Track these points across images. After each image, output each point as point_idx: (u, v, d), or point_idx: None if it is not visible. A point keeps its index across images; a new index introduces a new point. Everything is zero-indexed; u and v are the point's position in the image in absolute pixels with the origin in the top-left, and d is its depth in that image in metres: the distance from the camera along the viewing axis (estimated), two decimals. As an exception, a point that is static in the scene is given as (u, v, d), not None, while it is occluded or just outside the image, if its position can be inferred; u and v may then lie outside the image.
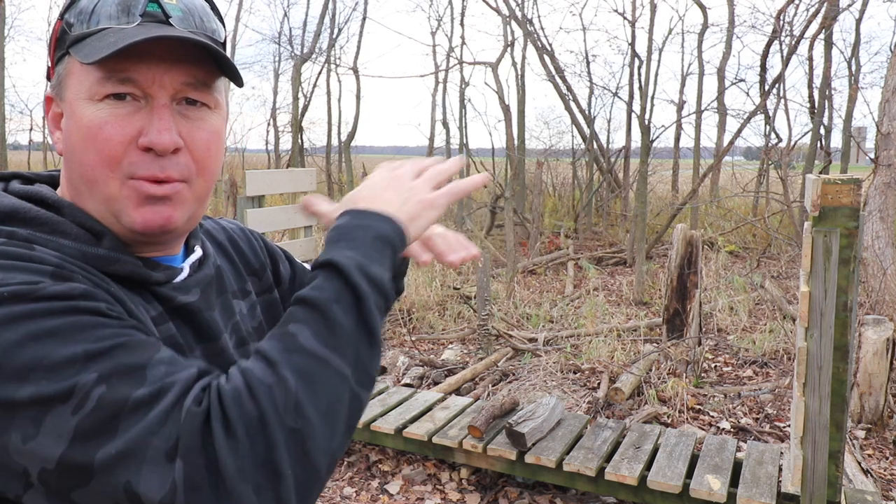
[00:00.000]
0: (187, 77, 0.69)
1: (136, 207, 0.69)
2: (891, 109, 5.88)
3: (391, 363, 5.27)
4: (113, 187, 0.69)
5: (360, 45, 19.15)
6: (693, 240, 5.07)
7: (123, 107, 0.67)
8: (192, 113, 0.71)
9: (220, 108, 0.75)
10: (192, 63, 0.69)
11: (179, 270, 0.77)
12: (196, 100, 0.71)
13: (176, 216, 0.71)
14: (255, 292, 0.92)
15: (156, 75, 0.67)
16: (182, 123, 0.70)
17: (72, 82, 0.69)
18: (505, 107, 12.34)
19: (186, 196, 0.72)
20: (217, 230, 0.93)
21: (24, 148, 22.33)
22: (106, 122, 0.67)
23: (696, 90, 13.80)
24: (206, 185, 0.74)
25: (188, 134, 0.70)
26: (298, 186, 4.11)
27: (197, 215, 0.76)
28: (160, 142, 0.67)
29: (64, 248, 0.66)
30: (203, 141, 0.72)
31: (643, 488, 3.00)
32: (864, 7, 11.58)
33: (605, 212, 12.72)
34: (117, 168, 0.68)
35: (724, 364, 5.36)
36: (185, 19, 0.71)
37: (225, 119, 0.77)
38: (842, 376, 2.65)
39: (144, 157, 0.68)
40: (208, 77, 0.71)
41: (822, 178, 2.60)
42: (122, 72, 0.67)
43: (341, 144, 15.21)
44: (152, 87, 0.68)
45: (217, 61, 0.71)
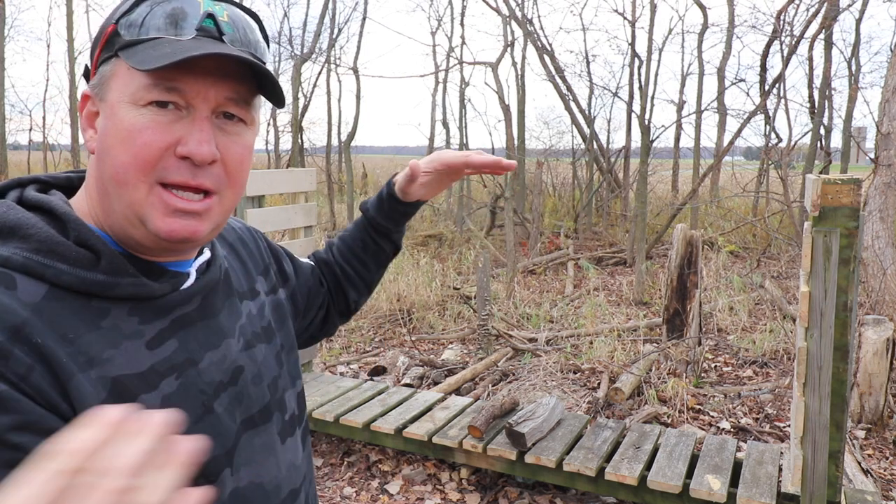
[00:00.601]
0: (231, 93, 0.71)
1: (163, 217, 0.70)
2: (891, 109, 5.88)
3: (391, 363, 5.27)
4: (141, 191, 0.69)
5: (360, 45, 19.14)
6: (693, 240, 5.07)
7: (165, 115, 0.69)
8: (229, 127, 0.72)
9: (255, 124, 0.77)
10: (237, 79, 0.71)
11: (186, 277, 0.77)
12: (234, 115, 0.73)
13: (202, 229, 0.72)
14: (263, 292, 0.93)
15: (202, 88, 0.69)
16: (219, 136, 0.71)
17: (116, 84, 0.70)
18: (505, 107, 12.34)
19: (216, 209, 0.73)
20: (228, 230, 0.94)
21: (24, 148, 22.31)
22: (147, 127, 0.68)
23: (696, 90, 13.80)
24: (235, 198, 0.76)
25: (224, 147, 0.72)
26: (298, 186, 4.10)
27: (220, 226, 0.77)
28: (199, 152, 0.69)
29: (62, 275, 0.66)
30: (237, 155, 0.73)
31: (643, 488, 3.00)
32: (864, 7, 11.58)
33: (605, 212, 12.72)
34: (150, 173, 0.69)
35: (724, 364, 5.36)
36: (234, 36, 0.73)
37: (256, 134, 0.78)
38: (842, 376, 2.65)
39: (180, 165, 0.69)
40: (249, 94, 0.73)
41: (822, 178, 2.60)
42: (170, 81, 0.68)
43: (341, 144, 15.19)
44: (196, 98, 0.69)
45: (259, 79, 0.72)
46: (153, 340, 0.72)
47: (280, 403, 0.87)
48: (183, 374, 0.73)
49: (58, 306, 0.66)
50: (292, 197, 4.16)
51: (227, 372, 0.78)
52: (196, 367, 0.75)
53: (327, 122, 15.92)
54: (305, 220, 4.17)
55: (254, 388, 0.82)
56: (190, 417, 0.72)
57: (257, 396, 0.82)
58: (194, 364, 0.75)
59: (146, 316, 0.72)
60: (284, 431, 0.87)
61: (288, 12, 24.34)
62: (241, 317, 0.85)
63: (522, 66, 12.74)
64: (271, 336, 0.90)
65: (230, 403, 0.78)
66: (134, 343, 0.70)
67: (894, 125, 5.81)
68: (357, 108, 14.15)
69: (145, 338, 0.71)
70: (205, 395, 0.75)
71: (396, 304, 6.84)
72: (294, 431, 0.90)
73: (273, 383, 0.86)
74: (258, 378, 0.83)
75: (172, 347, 0.73)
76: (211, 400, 0.75)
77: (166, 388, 0.71)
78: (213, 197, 0.72)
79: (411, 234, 10.80)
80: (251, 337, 0.85)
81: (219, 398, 0.76)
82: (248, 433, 0.80)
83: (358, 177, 17.92)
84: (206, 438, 0.72)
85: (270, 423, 0.84)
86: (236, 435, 0.78)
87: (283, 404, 0.88)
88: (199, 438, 0.43)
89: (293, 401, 0.91)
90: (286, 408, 0.88)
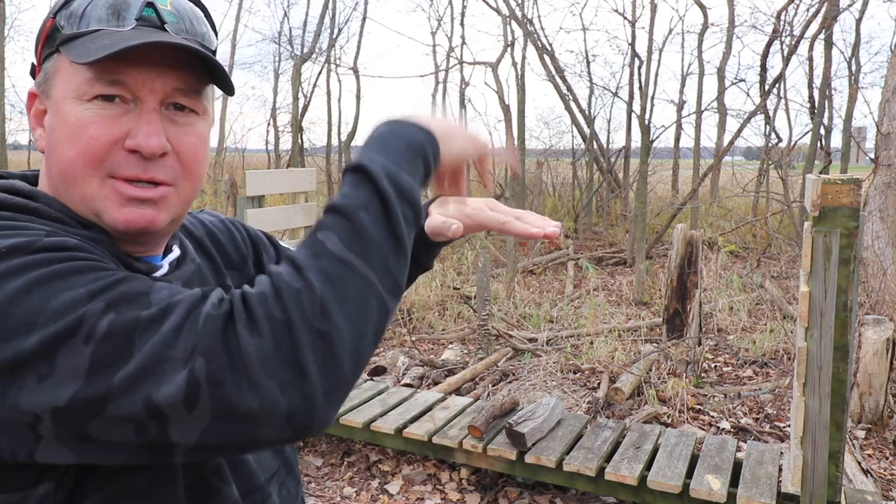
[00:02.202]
0: (178, 83, 0.70)
1: (118, 207, 0.69)
2: (891, 109, 5.88)
3: (391, 363, 5.27)
4: (92, 186, 0.69)
5: (360, 45, 19.14)
6: (693, 240, 5.07)
7: (112, 108, 0.68)
8: (180, 118, 0.71)
9: (208, 114, 0.75)
10: (184, 69, 0.70)
11: (159, 267, 0.77)
12: (185, 105, 0.71)
13: (160, 219, 0.71)
14: (234, 287, 0.91)
15: (147, 79, 0.68)
16: (170, 128, 0.70)
17: (59, 81, 0.69)
18: (505, 107, 12.34)
19: (172, 200, 0.72)
20: (195, 225, 0.93)
21: (24, 148, 22.32)
22: (93, 122, 0.67)
23: (696, 90, 13.80)
24: (192, 189, 0.75)
25: (176, 139, 0.71)
26: (298, 186, 4.11)
27: (180, 218, 0.77)
28: (148, 145, 0.68)
29: (52, 230, 0.66)
30: (191, 146, 0.72)
31: (643, 488, 3.00)
32: (864, 7, 11.58)
33: (605, 212, 12.72)
34: (99, 167, 0.68)
35: (724, 364, 5.36)
36: (178, 25, 0.71)
37: (211, 125, 0.77)
38: (842, 376, 2.65)
39: (129, 158, 0.68)
40: (198, 84, 0.72)
41: (822, 178, 2.60)
42: (112, 73, 0.67)
43: (341, 144, 15.19)
44: (142, 90, 0.68)
45: (208, 69, 0.71)
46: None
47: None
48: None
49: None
50: (292, 197, 4.16)
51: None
52: None
53: (327, 122, 15.93)
54: (305, 220, 4.17)
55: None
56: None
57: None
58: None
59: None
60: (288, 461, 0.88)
61: (288, 12, 24.31)
62: None
63: (522, 66, 12.74)
64: None
65: None
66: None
67: (894, 125, 5.81)
68: (357, 108, 14.17)
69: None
70: None
71: (402, 304, 6.83)
72: (291, 461, 0.90)
73: None
74: None
75: None
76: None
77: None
78: (170, 187, 0.71)
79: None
80: None
81: None
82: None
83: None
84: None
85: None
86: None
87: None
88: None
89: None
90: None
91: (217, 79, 0.73)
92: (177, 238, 0.84)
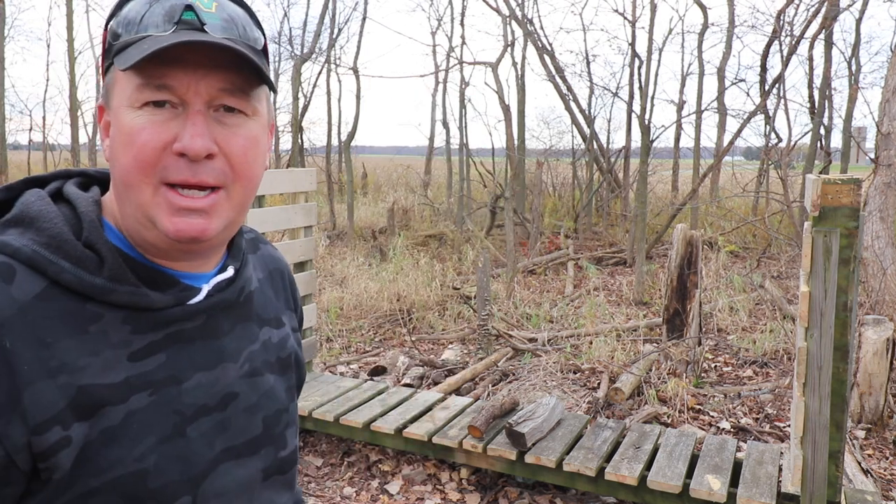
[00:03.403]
0: (223, 83, 0.70)
1: (169, 216, 0.69)
2: (891, 109, 5.88)
3: (391, 363, 5.27)
4: (147, 193, 0.69)
5: (360, 45, 19.13)
6: (693, 240, 5.07)
7: (161, 114, 0.68)
8: (228, 119, 0.71)
9: (259, 115, 0.75)
10: (229, 70, 0.70)
11: (196, 292, 0.76)
12: (233, 107, 0.71)
13: (211, 227, 0.71)
14: (290, 326, 0.92)
15: (191, 82, 0.68)
16: (218, 130, 0.70)
17: (116, 90, 0.71)
18: (505, 107, 12.35)
19: (223, 205, 0.72)
20: (270, 258, 0.94)
21: (24, 148, 22.32)
22: (143, 128, 0.68)
23: (696, 90, 13.80)
24: (245, 192, 0.74)
25: (224, 140, 0.70)
26: (298, 186, 4.10)
27: (235, 223, 0.75)
28: (192, 146, 0.68)
29: (62, 273, 0.68)
30: (239, 147, 0.72)
31: (643, 488, 3.00)
32: (864, 7, 11.58)
33: (605, 212, 12.72)
34: (152, 173, 0.68)
35: (724, 364, 5.36)
36: (222, 27, 0.71)
37: (265, 127, 0.77)
38: (842, 376, 2.65)
39: (178, 163, 0.68)
40: (246, 84, 0.72)
41: (822, 178, 2.60)
42: (158, 78, 0.68)
43: (341, 144, 15.18)
44: (188, 93, 0.68)
45: (254, 69, 0.71)
46: (139, 352, 0.71)
47: (277, 438, 0.84)
48: (159, 391, 0.71)
49: (48, 307, 0.67)
50: (292, 197, 4.16)
51: (215, 396, 0.76)
52: (178, 387, 0.73)
53: (327, 122, 15.92)
54: (305, 220, 4.17)
55: (245, 417, 0.79)
56: (154, 437, 0.70)
57: (247, 427, 0.79)
58: (177, 383, 0.73)
59: (140, 326, 0.71)
60: (272, 469, 0.84)
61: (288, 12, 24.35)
62: (256, 342, 0.83)
63: (522, 66, 12.74)
64: (287, 369, 0.88)
65: (211, 429, 0.75)
66: (116, 352, 0.69)
67: (894, 125, 5.81)
68: (357, 108, 14.15)
69: (131, 348, 0.71)
70: (179, 417, 0.72)
71: (396, 304, 6.84)
72: (286, 470, 0.86)
73: (274, 416, 0.83)
74: (254, 408, 0.81)
75: (157, 362, 0.72)
76: (185, 423, 0.73)
77: (135, 404, 0.69)
78: (220, 192, 0.71)
79: (411, 233, 10.79)
80: (261, 364, 0.83)
81: (197, 422, 0.74)
82: (228, 463, 0.77)
83: (358, 177, 17.91)
84: (167, 461, 0.71)
85: (256, 458, 0.81)
86: (211, 463, 0.75)
87: (282, 440, 0.85)
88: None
89: (294, 438, 0.88)
90: (285, 444, 0.85)
91: (262, 77, 0.72)
92: (238, 259, 0.83)
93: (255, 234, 0.97)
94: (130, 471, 0.68)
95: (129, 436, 0.69)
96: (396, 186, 18.08)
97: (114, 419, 0.68)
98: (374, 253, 9.42)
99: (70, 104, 15.72)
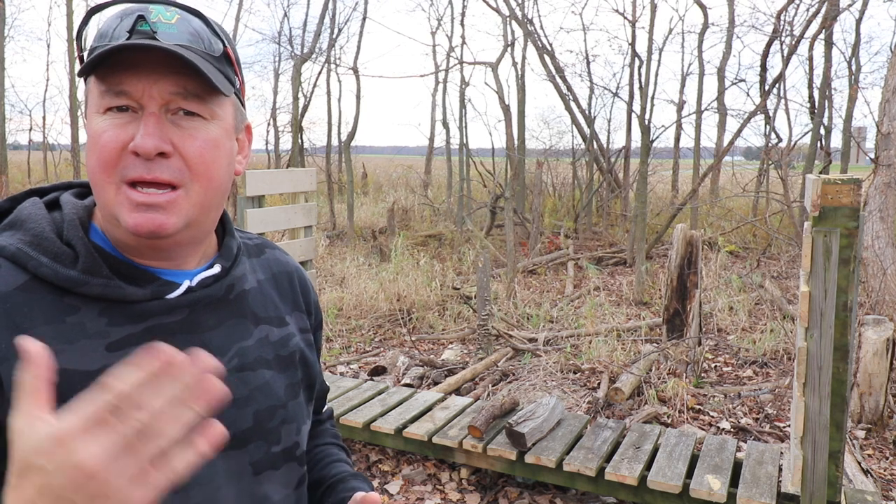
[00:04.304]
0: (175, 88, 0.73)
1: (129, 213, 0.73)
2: (891, 109, 5.88)
3: (391, 363, 5.27)
4: (111, 192, 0.73)
5: (360, 45, 19.12)
6: (693, 240, 5.07)
7: (122, 117, 0.73)
8: (185, 122, 0.74)
9: (219, 118, 0.77)
10: (181, 75, 0.73)
11: (175, 287, 0.78)
12: (191, 111, 0.75)
13: (169, 223, 0.74)
14: (295, 326, 0.93)
15: (145, 87, 0.72)
16: (174, 132, 0.73)
17: (89, 99, 0.76)
18: (505, 107, 12.35)
19: (182, 203, 0.74)
20: (277, 263, 0.96)
21: (23, 148, 22.33)
22: (105, 131, 0.72)
23: (696, 90, 13.80)
24: (206, 193, 0.76)
25: (180, 141, 0.74)
26: (298, 186, 4.10)
27: (198, 223, 0.78)
28: (143, 145, 0.71)
29: (41, 267, 0.72)
30: (196, 148, 0.74)
31: (643, 488, 3.00)
32: (864, 7, 11.59)
33: (605, 212, 12.73)
34: (113, 172, 0.73)
35: (724, 364, 5.36)
36: (176, 35, 0.74)
37: (228, 131, 0.79)
38: (842, 376, 2.65)
39: (135, 161, 0.72)
40: (200, 89, 0.74)
41: (822, 178, 2.60)
42: (117, 85, 0.72)
43: (341, 144, 15.19)
44: (143, 97, 0.72)
45: (202, 74, 0.73)
46: (116, 343, 0.73)
47: (269, 433, 0.84)
48: None
49: (27, 297, 0.71)
50: (292, 197, 4.16)
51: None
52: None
53: (327, 122, 15.93)
54: (305, 220, 4.17)
55: (232, 410, 0.80)
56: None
57: (234, 420, 0.79)
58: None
59: (117, 319, 0.74)
60: (264, 463, 0.83)
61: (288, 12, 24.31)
62: (249, 339, 0.84)
63: (522, 66, 12.75)
64: (289, 367, 0.88)
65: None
66: (93, 342, 0.72)
67: (894, 125, 5.81)
68: (357, 108, 14.16)
69: (108, 339, 0.73)
70: None
71: (396, 304, 6.84)
72: (280, 465, 0.85)
73: (267, 411, 0.83)
74: (243, 402, 0.81)
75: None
76: None
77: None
78: (178, 191, 0.74)
79: (411, 233, 10.80)
80: (254, 360, 0.84)
81: None
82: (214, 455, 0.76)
83: (358, 177, 17.93)
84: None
85: (243, 451, 0.81)
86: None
87: (275, 435, 0.85)
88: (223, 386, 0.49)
89: (296, 435, 0.88)
90: (279, 439, 0.85)
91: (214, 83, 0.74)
92: (229, 259, 0.85)
93: (262, 240, 0.99)
94: None
95: None
96: (396, 186, 18.08)
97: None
98: (374, 253, 9.42)
99: (70, 104, 15.71)
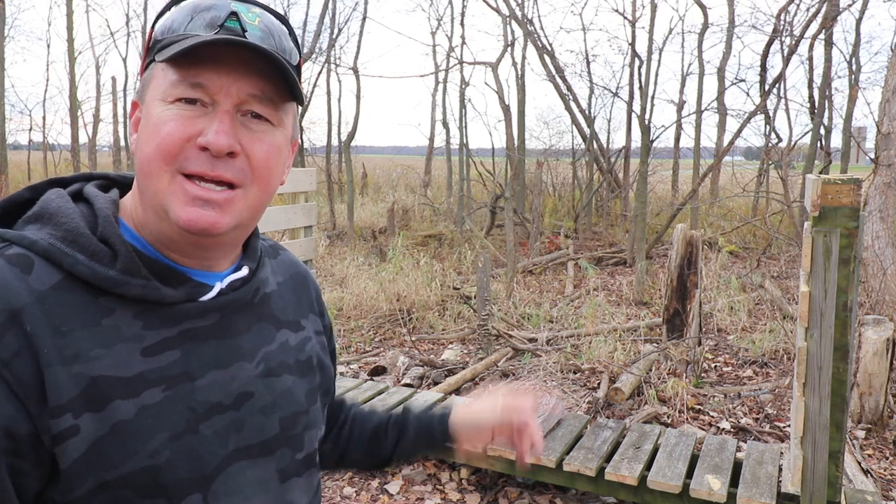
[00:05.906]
0: (254, 89, 0.72)
1: (183, 205, 0.70)
2: (891, 109, 5.88)
3: (391, 363, 5.27)
4: (164, 181, 0.71)
5: (360, 45, 19.13)
6: (693, 240, 5.07)
7: (191, 110, 0.71)
8: (254, 125, 0.73)
9: (284, 126, 0.77)
10: (262, 77, 0.72)
11: (208, 289, 0.77)
12: (260, 114, 0.73)
13: (223, 221, 0.72)
14: (312, 330, 0.92)
15: (224, 83, 0.71)
16: (243, 133, 0.72)
17: (152, 86, 0.73)
18: (505, 107, 12.36)
19: (238, 203, 0.73)
20: (290, 264, 0.95)
21: (24, 148, 22.33)
22: (171, 120, 0.70)
23: (696, 90, 13.81)
24: (261, 196, 0.75)
25: (248, 143, 0.72)
26: (298, 186, 4.10)
27: (246, 225, 0.77)
28: (216, 142, 0.69)
29: (77, 265, 0.69)
30: (262, 152, 0.73)
31: (643, 488, 3.00)
32: (865, 7, 11.59)
33: (605, 212, 12.73)
34: (172, 162, 0.70)
35: (724, 364, 5.36)
36: (261, 37, 0.73)
37: (288, 139, 0.78)
38: (842, 376, 2.65)
39: (199, 155, 0.70)
40: (275, 94, 0.74)
41: (822, 178, 2.60)
42: (194, 76, 0.70)
43: (341, 144, 15.19)
44: (219, 93, 0.71)
45: (287, 82, 0.73)
46: (152, 347, 0.71)
47: (293, 440, 0.83)
48: (173, 387, 0.71)
49: (63, 297, 0.68)
50: (292, 197, 4.16)
51: (230, 395, 0.76)
52: (192, 383, 0.73)
53: (327, 122, 15.93)
54: (305, 220, 4.16)
55: (260, 417, 0.79)
56: (167, 433, 0.70)
57: (262, 427, 0.79)
58: (191, 379, 0.73)
59: (152, 322, 0.72)
60: (290, 470, 0.83)
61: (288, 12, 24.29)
62: (273, 343, 0.83)
63: (522, 66, 12.75)
64: (308, 371, 0.88)
65: (225, 428, 0.75)
66: (129, 346, 0.70)
67: (894, 125, 5.81)
68: (357, 108, 14.16)
69: (144, 343, 0.71)
70: (192, 414, 0.72)
71: (396, 304, 6.84)
72: (303, 472, 0.86)
73: (291, 418, 0.83)
74: (270, 408, 0.80)
75: (171, 358, 0.72)
76: (198, 420, 0.73)
77: (147, 399, 0.69)
78: (237, 190, 0.72)
79: (411, 233, 10.79)
80: (277, 365, 0.83)
81: (210, 420, 0.74)
82: (242, 463, 0.77)
83: (358, 177, 17.91)
84: (179, 458, 0.71)
85: (270, 458, 0.80)
86: (223, 461, 0.75)
87: (298, 441, 0.84)
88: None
89: (315, 441, 0.88)
90: (301, 445, 0.85)
91: (293, 91, 0.74)
92: (254, 261, 0.84)
93: (273, 241, 0.99)
94: (142, 466, 0.68)
95: (141, 431, 0.69)
96: (396, 186, 18.08)
97: (126, 413, 0.68)
98: (373, 253, 9.42)
99: (70, 104, 15.72)
